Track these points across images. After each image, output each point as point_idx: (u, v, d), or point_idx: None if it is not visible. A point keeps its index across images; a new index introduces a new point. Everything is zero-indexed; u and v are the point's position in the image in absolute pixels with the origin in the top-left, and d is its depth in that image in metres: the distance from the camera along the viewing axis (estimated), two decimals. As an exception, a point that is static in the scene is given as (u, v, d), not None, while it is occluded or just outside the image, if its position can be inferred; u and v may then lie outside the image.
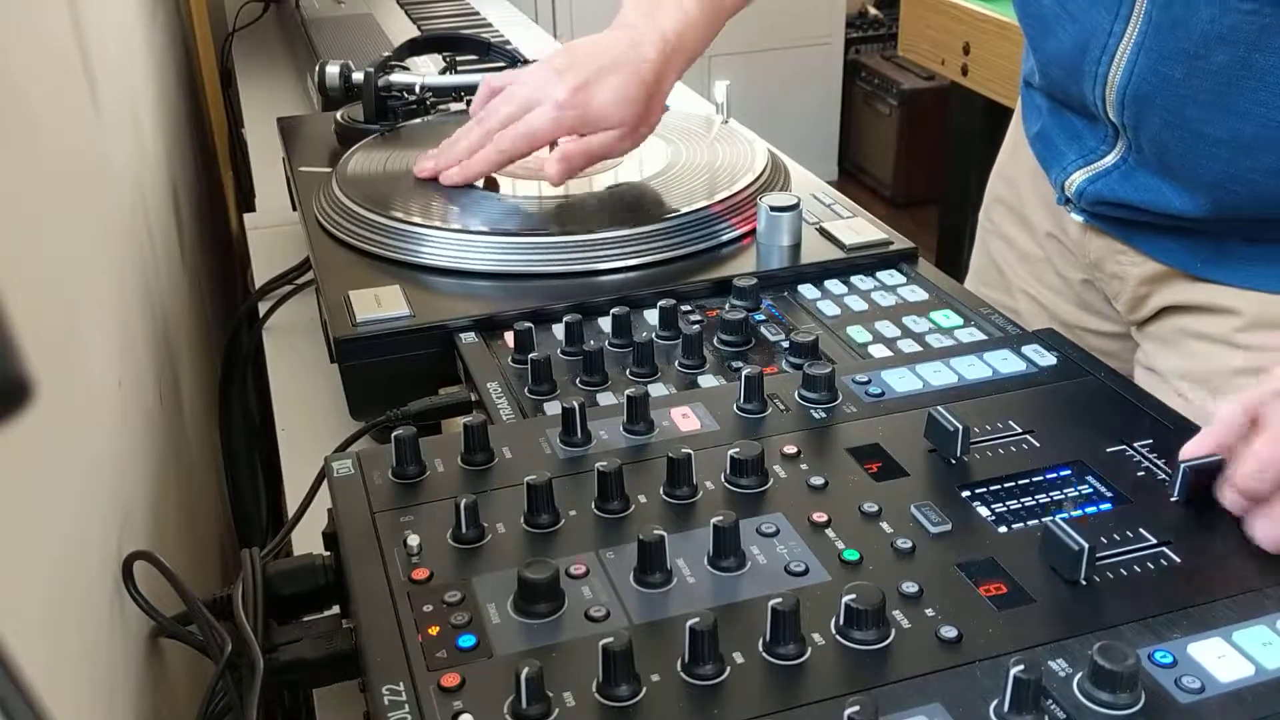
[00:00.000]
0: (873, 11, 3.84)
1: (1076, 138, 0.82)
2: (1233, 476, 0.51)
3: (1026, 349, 0.67)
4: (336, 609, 0.58)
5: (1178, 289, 0.81)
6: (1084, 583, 0.48)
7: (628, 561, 0.50)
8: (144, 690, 0.60)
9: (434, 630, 0.47)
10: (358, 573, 0.51)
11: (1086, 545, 0.47)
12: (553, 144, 0.87)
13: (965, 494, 0.54)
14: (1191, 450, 0.53)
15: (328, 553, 0.58)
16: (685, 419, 0.61)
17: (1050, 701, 0.42)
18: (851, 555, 0.50)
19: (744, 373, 0.61)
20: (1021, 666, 0.41)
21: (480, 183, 0.91)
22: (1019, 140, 0.95)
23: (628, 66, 0.85)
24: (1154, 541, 0.51)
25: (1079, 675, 0.43)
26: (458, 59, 1.22)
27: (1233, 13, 0.66)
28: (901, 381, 0.64)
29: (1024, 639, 0.45)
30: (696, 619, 0.44)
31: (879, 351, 0.71)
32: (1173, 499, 0.53)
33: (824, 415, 0.61)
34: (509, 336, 0.73)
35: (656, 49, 0.85)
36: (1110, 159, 0.79)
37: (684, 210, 0.84)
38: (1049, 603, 0.47)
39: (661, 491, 0.55)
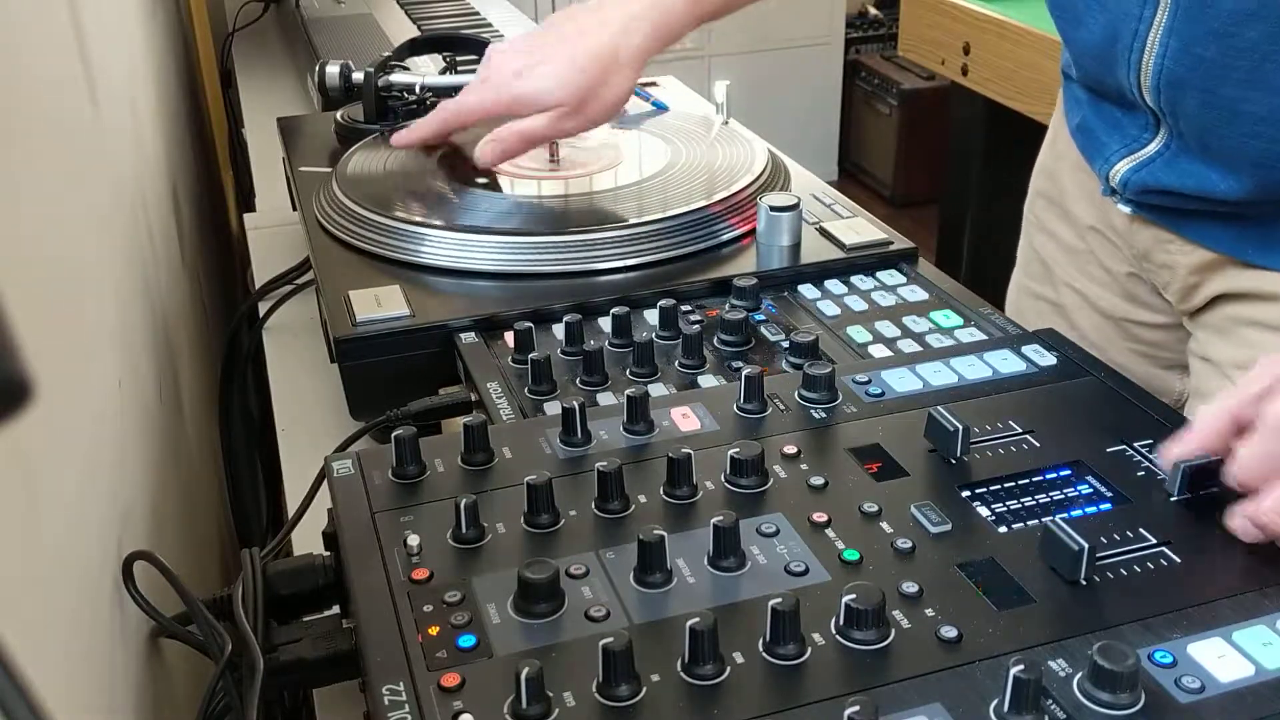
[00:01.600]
0: (873, 11, 3.84)
1: (1117, 127, 0.81)
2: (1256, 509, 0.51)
3: (1026, 349, 0.67)
4: (336, 609, 0.58)
5: (1229, 276, 0.80)
6: (1084, 583, 0.48)
7: (628, 561, 0.50)
8: (144, 690, 0.60)
9: (434, 630, 0.47)
10: (358, 573, 0.51)
11: (1086, 545, 0.47)
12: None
13: (965, 494, 0.54)
14: (1179, 452, 0.55)
15: (328, 553, 0.58)
16: (685, 419, 0.61)
17: (1050, 701, 0.42)
18: (851, 555, 0.50)
19: (744, 373, 0.61)
20: (1021, 666, 0.41)
21: (480, 182, 0.91)
22: (1059, 133, 0.94)
23: (579, 45, 0.85)
24: (1154, 541, 0.51)
25: (1079, 675, 0.43)
26: (458, 59, 1.22)
27: None
28: (901, 381, 0.64)
29: (1024, 639, 0.45)
30: (696, 619, 0.44)
31: (879, 351, 0.71)
32: (1173, 498, 0.54)
33: (824, 415, 0.61)
34: (509, 336, 0.73)
35: (621, 25, 0.85)
36: (1153, 147, 0.78)
37: (684, 210, 0.84)
38: (1049, 603, 0.47)
39: (661, 491, 0.55)
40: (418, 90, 1.08)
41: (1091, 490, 0.54)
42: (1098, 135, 0.83)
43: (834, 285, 0.80)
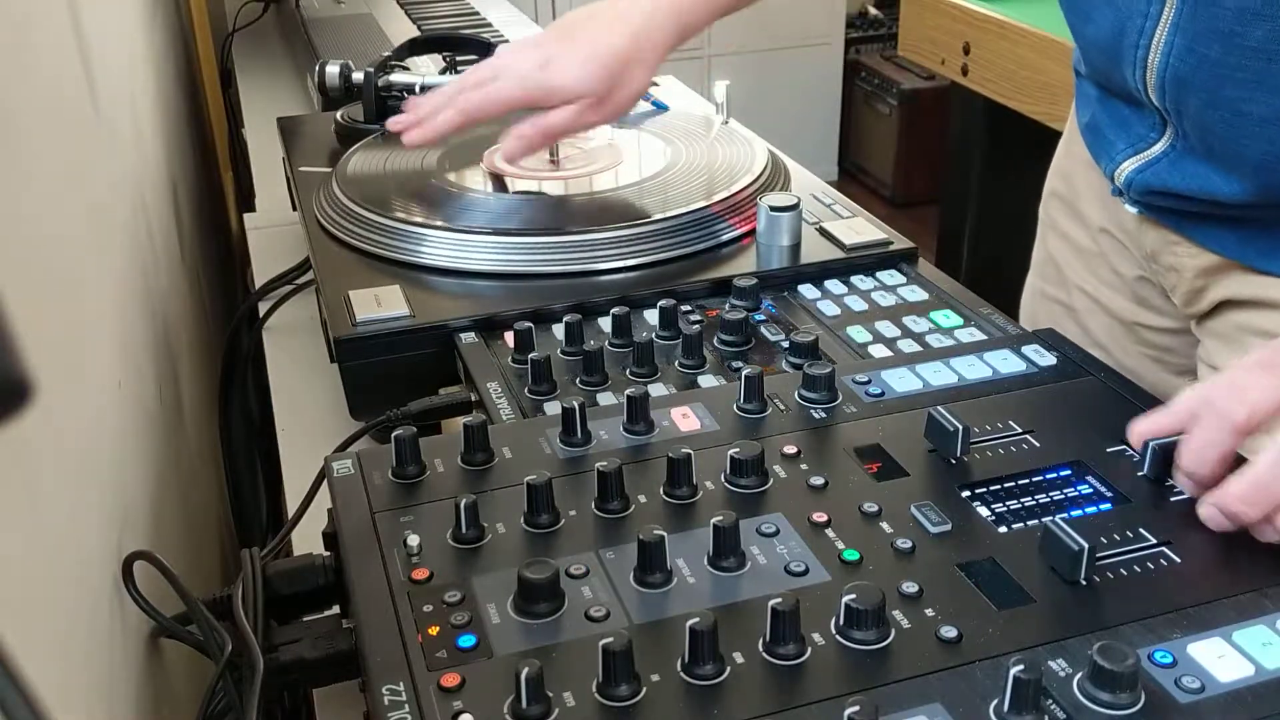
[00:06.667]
0: (873, 11, 3.84)
1: (1125, 126, 0.81)
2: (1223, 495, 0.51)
3: (1026, 349, 0.67)
4: (336, 609, 0.58)
5: (1235, 281, 0.80)
6: (1084, 583, 0.48)
7: (628, 561, 0.50)
8: (144, 690, 0.60)
9: (434, 630, 0.47)
10: (358, 573, 0.51)
11: (1086, 545, 0.47)
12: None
13: (965, 494, 0.54)
14: (1148, 428, 0.56)
15: (328, 553, 0.58)
16: (685, 419, 0.61)
17: (1050, 701, 0.42)
18: (851, 555, 0.50)
19: (744, 373, 0.61)
20: (1021, 666, 0.41)
21: (480, 182, 0.91)
22: (1074, 134, 0.93)
23: (603, 37, 0.85)
24: (1154, 541, 0.51)
25: (1079, 675, 0.43)
26: (458, 59, 1.22)
27: None
28: (901, 381, 0.64)
29: (1024, 639, 0.45)
30: (696, 619, 0.44)
31: (879, 351, 0.71)
32: (1140, 474, 0.55)
33: (824, 415, 0.61)
34: (509, 336, 0.73)
35: (642, 18, 0.85)
36: (1159, 147, 0.78)
37: (684, 210, 0.84)
38: (1049, 603, 0.47)
39: (661, 491, 0.55)
40: (418, 90, 1.07)
41: (1091, 490, 0.54)
42: (1106, 133, 0.83)
43: (834, 285, 0.80)
